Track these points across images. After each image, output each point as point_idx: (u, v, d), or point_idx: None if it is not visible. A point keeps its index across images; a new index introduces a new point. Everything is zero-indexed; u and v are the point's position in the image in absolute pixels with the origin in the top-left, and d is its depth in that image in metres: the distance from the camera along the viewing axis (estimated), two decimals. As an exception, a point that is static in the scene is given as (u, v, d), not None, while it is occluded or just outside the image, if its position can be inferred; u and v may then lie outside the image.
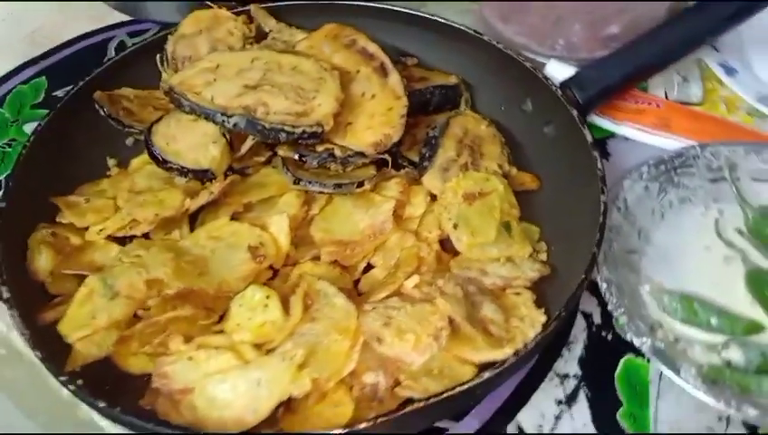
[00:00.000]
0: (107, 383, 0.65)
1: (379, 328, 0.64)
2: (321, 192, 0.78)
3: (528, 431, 0.67)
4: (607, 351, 0.72)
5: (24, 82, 1.03)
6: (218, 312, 0.68)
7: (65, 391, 0.73)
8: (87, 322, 0.65)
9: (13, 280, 0.69)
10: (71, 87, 0.86)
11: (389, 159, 0.80)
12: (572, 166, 0.80)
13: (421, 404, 0.57)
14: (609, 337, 0.73)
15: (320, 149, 0.80)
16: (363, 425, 0.56)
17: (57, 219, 0.78)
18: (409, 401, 0.62)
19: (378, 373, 0.64)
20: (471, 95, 0.92)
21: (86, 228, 0.77)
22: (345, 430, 0.57)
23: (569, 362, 0.72)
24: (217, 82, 0.80)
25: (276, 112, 0.77)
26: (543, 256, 0.76)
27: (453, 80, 0.90)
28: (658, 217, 0.81)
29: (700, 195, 0.83)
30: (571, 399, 0.69)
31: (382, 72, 0.83)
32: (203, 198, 0.75)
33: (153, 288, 0.67)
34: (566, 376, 0.71)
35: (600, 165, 0.75)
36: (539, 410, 0.68)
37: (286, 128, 0.76)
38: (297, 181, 0.77)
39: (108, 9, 1.14)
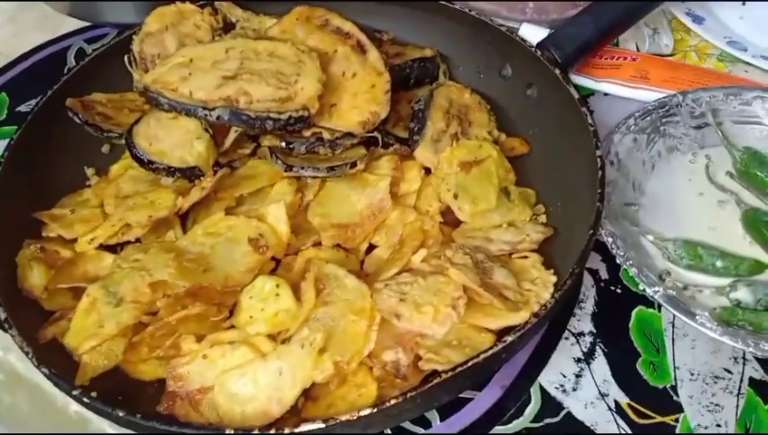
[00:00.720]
0: (119, 393, 0.64)
1: (396, 304, 0.63)
2: (314, 177, 0.76)
3: (551, 393, 0.67)
4: (618, 304, 0.73)
5: (-15, 100, 1.00)
6: (227, 307, 0.66)
7: (72, 410, 0.72)
8: (95, 331, 0.63)
9: (7, 300, 0.66)
10: (37, 99, 0.83)
11: (380, 136, 0.79)
12: (560, 125, 0.80)
13: (448, 375, 0.56)
14: (619, 290, 0.74)
15: (307, 134, 0.78)
16: (392, 401, 0.55)
17: (44, 234, 0.76)
18: (433, 374, 0.61)
19: (397, 350, 0.63)
20: (448, 66, 0.91)
21: (74, 240, 0.75)
22: (374, 409, 0.55)
23: (582, 320, 0.72)
24: (193, 76, 0.78)
25: (259, 100, 0.75)
26: (543, 218, 0.76)
27: (429, 52, 0.89)
28: (649, 168, 0.81)
29: (686, 142, 0.84)
30: (588, 356, 0.69)
31: (360, 49, 0.82)
32: (195, 196, 0.73)
33: (158, 290, 0.65)
34: (581, 334, 0.71)
35: (590, 120, 0.75)
36: (558, 369, 0.68)
37: (272, 115, 0.74)
38: (289, 168, 0.76)
39: (60, 18, 1.09)
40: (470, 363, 0.57)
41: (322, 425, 0.55)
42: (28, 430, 0.82)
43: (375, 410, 0.55)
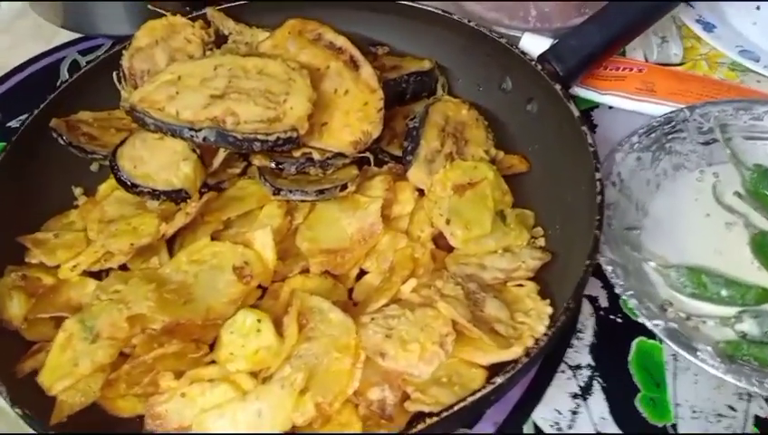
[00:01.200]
0: (97, 430, 0.62)
1: (381, 341, 0.60)
2: (303, 201, 0.74)
3: (546, 431, 0.64)
4: (617, 335, 0.69)
5: (-23, 116, 0.98)
6: (207, 342, 0.64)
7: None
8: (69, 370, 0.61)
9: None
10: (26, 116, 0.81)
11: (371, 157, 0.76)
12: (561, 143, 0.76)
13: (434, 420, 0.54)
14: (619, 319, 0.71)
15: (297, 154, 0.76)
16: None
17: (26, 259, 0.74)
18: (420, 414, 0.59)
19: (383, 388, 0.61)
20: (447, 78, 0.88)
21: (57, 266, 0.73)
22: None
23: (580, 352, 0.69)
24: (181, 94, 0.76)
25: (247, 121, 0.73)
26: (541, 242, 0.73)
27: (427, 65, 0.86)
28: (654, 188, 0.78)
29: (693, 159, 0.80)
30: (585, 391, 0.66)
31: (353, 65, 0.79)
32: (179, 221, 0.71)
33: (136, 325, 0.63)
34: (578, 367, 0.68)
35: (590, 140, 0.71)
36: (553, 405, 0.65)
37: (259, 136, 0.72)
38: (277, 192, 0.73)
39: (53, 29, 1.08)
40: (456, 408, 0.55)
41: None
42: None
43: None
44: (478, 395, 0.55)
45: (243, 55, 0.79)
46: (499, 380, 0.56)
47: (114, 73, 0.84)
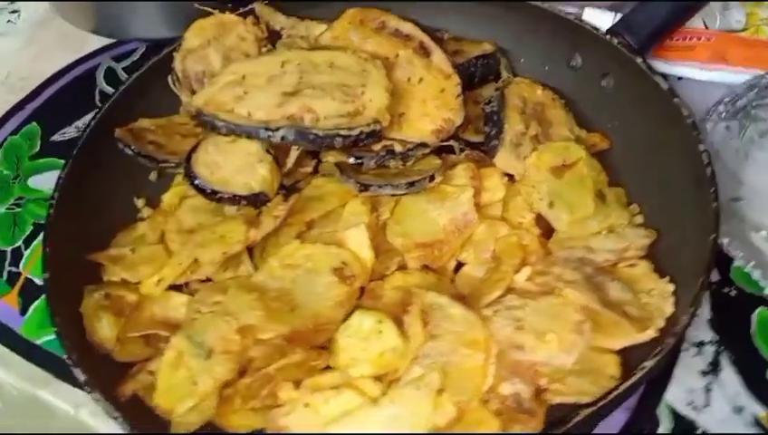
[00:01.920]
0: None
1: (513, 333, 0.58)
2: (393, 195, 0.70)
3: (682, 412, 0.62)
4: (735, 308, 0.67)
5: (15, 132, 0.93)
6: (325, 350, 0.61)
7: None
8: (188, 390, 0.57)
9: (82, 359, 0.61)
10: (81, 131, 0.77)
11: (456, 145, 0.73)
12: (646, 117, 0.74)
13: (590, 410, 0.52)
14: (732, 293, 0.68)
15: (377, 147, 0.73)
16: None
17: (105, 278, 0.70)
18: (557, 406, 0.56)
19: (513, 382, 0.58)
20: (508, 60, 0.85)
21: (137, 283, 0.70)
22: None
23: (700, 328, 0.66)
24: (249, 94, 0.72)
25: (327, 117, 0.70)
26: (639, 219, 0.70)
27: (488, 47, 0.83)
28: (743, 157, 0.76)
29: (777, 125, 0.78)
30: (714, 367, 0.64)
31: (423, 51, 0.76)
32: (269, 226, 0.68)
33: (247, 336, 0.59)
34: (701, 344, 0.66)
35: (686, 112, 0.69)
36: (685, 385, 0.63)
37: (342, 132, 0.69)
38: (365, 188, 0.70)
39: (80, 37, 1.03)
40: (611, 396, 0.52)
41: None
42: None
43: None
44: (632, 380, 0.52)
45: (309, 49, 0.76)
46: (649, 363, 0.53)
47: (169, 77, 0.81)
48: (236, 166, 0.71)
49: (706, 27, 0.91)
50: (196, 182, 0.70)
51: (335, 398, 0.57)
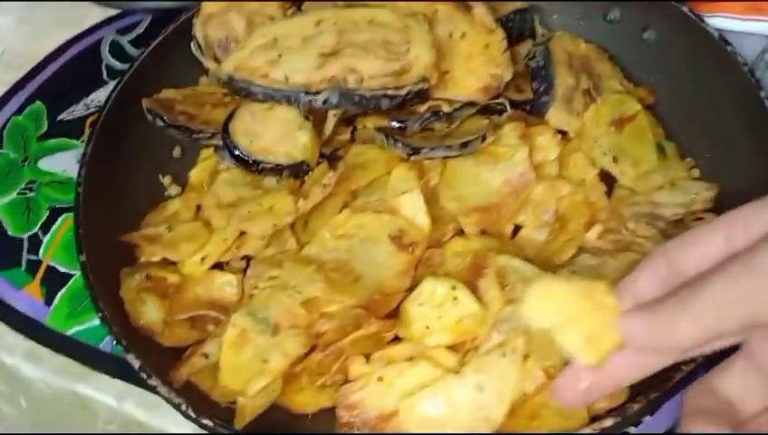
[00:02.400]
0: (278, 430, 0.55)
1: (597, 294, 0.55)
2: (445, 157, 0.67)
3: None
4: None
5: (18, 112, 0.87)
6: (394, 319, 0.58)
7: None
8: (259, 368, 0.54)
9: (135, 345, 0.57)
10: (104, 104, 0.72)
11: (507, 102, 0.70)
12: (695, 68, 0.72)
13: (692, 365, 0.49)
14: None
15: (422, 108, 0.69)
16: (636, 407, 0.48)
17: (143, 259, 0.66)
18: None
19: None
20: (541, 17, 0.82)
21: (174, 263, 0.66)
22: (619, 418, 0.48)
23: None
24: (284, 57, 0.68)
25: (371, 77, 0.66)
26: (696, 173, 0.68)
27: (520, 3, 0.80)
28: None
29: (819, 72, 0.76)
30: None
31: (463, 6, 0.72)
32: (317, 195, 0.64)
33: (313, 311, 0.56)
34: None
35: (742, 60, 0.67)
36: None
37: (389, 92, 0.65)
38: (415, 151, 0.66)
39: (81, 10, 0.98)
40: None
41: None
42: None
43: (619, 418, 0.48)
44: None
45: (344, 6, 0.72)
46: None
47: (192, 44, 0.76)
48: (276, 134, 0.67)
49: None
50: (237, 152, 0.66)
51: (410, 370, 0.54)
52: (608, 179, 0.67)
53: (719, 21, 0.83)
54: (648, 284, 0.39)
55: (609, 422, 0.47)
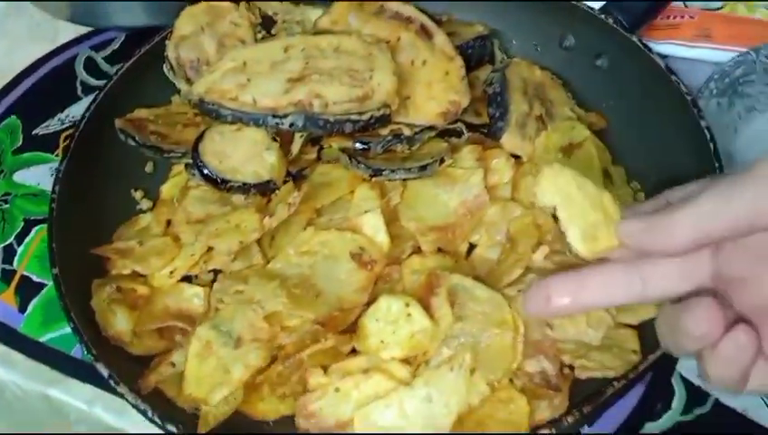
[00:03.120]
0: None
1: (541, 312, 0.59)
2: (405, 179, 0.71)
3: (695, 381, 0.64)
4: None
5: (-6, 127, 0.90)
6: (351, 334, 0.61)
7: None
8: (221, 378, 0.57)
9: (102, 353, 0.60)
10: (79, 120, 0.75)
11: (464, 127, 0.74)
12: (643, 95, 0.76)
13: (621, 383, 0.53)
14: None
15: (384, 132, 0.73)
16: (570, 419, 0.52)
17: (113, 271, 0.69)
18: (585, 381, 0.58)
19: (539, 359, 0.59)
20: (501, 43, 0.86)
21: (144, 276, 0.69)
22: (552, 430, 0.52)
23: (706, 300, 0.69)
24: (253, 81, 0.71)
25: (336, 102, 0.69)
26: (641, 196, 0.72)
27: (482, 29, 0.84)
28: (732, 132, 0.79)
29: (763, 101, 0.81)
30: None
31: (425, 34, 0.76)
32: (282, 213, 0.68)
33: (275, 324, 0.59)
34: (707, 314, 0.68)
35: (685, 88, 0.71)
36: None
37: (352, 117, 0.69)
38: (377, 173, 0.70)
39: (53, 27, 1.00)
40: (641, 368, 0.54)
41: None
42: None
43: (553, 430, 0.52)
44: (660, 352, 0.54)
45: (312, 34, 0.75)
46: (674, 335, 0.55)
47: (164, 65, 0.79)
48: (244, 155, 0.71)
49: (685, 6, 0.93)
50: (206, 172, 0.69)
51: (365, 381, 0.58)
52: (558, 202, 0.71)
53: (670, 48, 0.88)
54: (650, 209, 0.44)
55: (544, 431, 0.51)
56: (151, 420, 0.56)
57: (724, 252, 0.42)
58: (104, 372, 0.58)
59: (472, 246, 0.70)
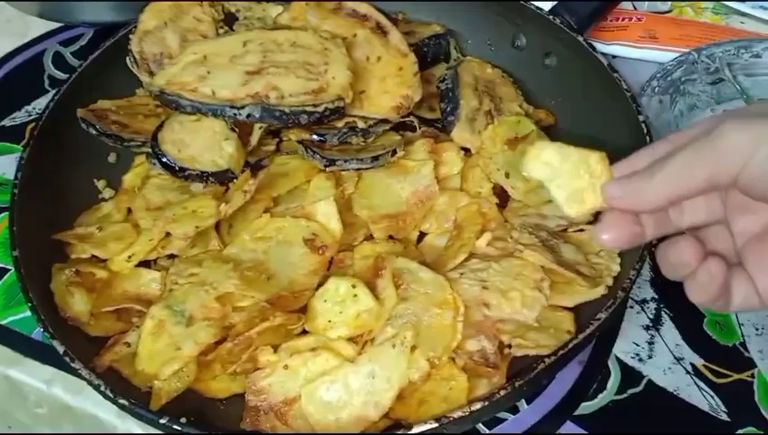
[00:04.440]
0: (192, 414, 0.60)
1: (480, 292, 0.62)
2: (358, 169, 0.74)
3: (629, 363, 0.67)
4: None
5: (-38, 118, 0.92)
6: (301, 314, 0.64)
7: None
8: (172, 355, 0.59)
9: (59, 332, 0.62)
10: (42, 111, 0.77)
11: (416, 120, 0.77)
12: (588, 93, 0.79)
13: (551, 360, 0.56)
14: (671, 253, 0.74)
15: (339, 124, 0.76)
16: (502, 393, 0.55)
17: (73, 255, 0.71)
18: (522, 359, 0.61)
19: (479, 339, 0.62)
20: (456, 41, 0.89)
21: (105, 260, 0.71)
22: (486, 402, 0.54)
23: (642, 287, 0.72)
24: (212, 74, 0.74)
25: (291, 94, 0.72)
26: (586, 188, 0.75)
27: (438, 28, 0.87)
28: (674, 129, 0.82)
29: (704, 99, 0.85)
30: (656, 322, 0.70)
31: (380, 31, 0.79)
32: (239, 201, 0.70)
33: (226, 304, 0.62)
34: (644, 301, 0.71)
35: (626, 86, 0.75)
36: (630, 339, 0.69)
37: (307, 109, 0.71)
38: (331, 163, 0.73)
39: (25, 21, 1.02)
40: (571, 345, 0.57)
41: (436, 424, 0.53)
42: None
43: (486, 402, 0.54)
44: (588, 331, 0.57)
45: (270, 29, 0.78)
46: (603, 314, 0.58)
47: (127, 59, 0.81)
48: (203, 144, 0.73)
49: (635, 9, 0.97)
50: (165, 160, 0.71)
51: (313, 359, 0.60)
52: (505, 192, 0.74)
53: (617, 48, 0.92)
54: (643, 161, 0.49)
55: (477, 406, 0.54)
56: (105, 395, 0.58)
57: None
58: (60, 349, 0.60)
59: (422, 234, 0.74)
